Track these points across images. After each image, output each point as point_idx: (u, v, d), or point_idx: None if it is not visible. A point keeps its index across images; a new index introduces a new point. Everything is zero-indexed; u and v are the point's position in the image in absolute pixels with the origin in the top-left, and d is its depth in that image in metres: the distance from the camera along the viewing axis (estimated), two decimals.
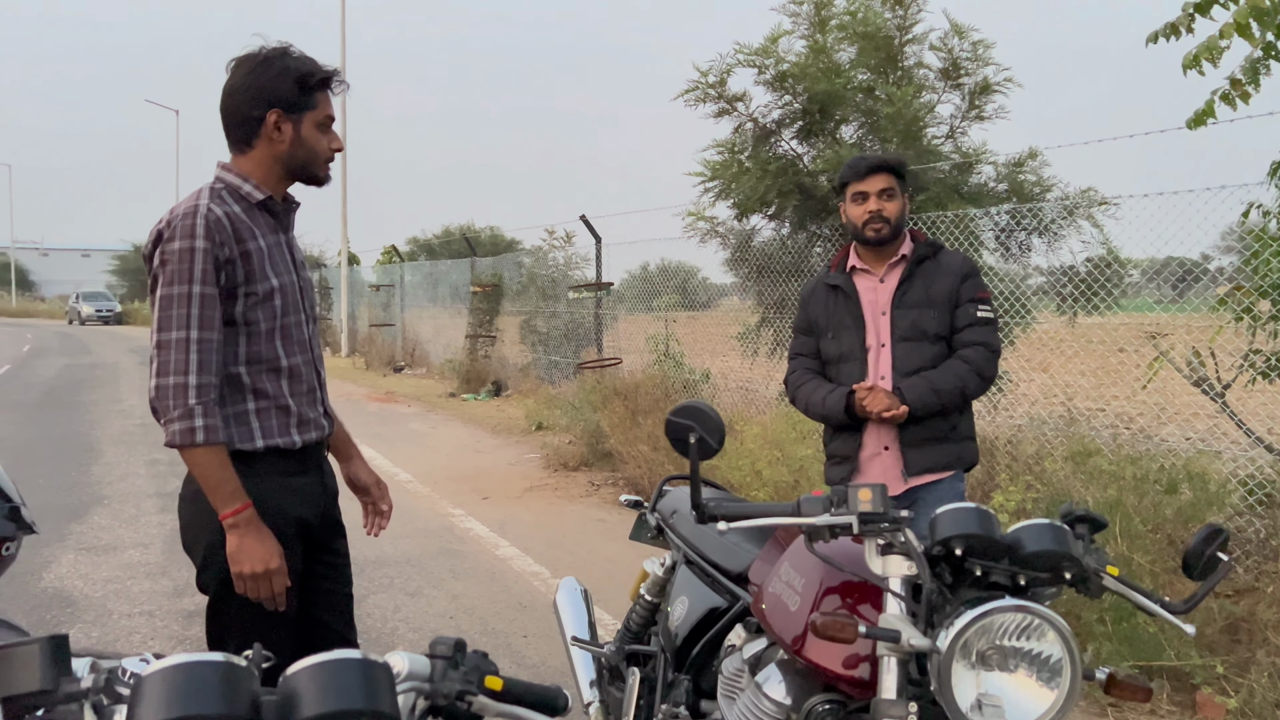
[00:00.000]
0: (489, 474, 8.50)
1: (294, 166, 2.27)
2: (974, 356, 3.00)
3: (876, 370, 3.06)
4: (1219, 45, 3.95)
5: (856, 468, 3.08)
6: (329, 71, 2.27)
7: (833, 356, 3.15)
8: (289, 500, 2.25)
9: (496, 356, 15.03)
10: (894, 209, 3.05)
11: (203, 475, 2.13)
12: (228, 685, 0.93)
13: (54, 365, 20.10)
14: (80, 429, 10.86)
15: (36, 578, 5.29)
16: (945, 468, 3.02)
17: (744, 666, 2.13)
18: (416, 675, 1.16)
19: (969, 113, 7.79)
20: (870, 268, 3.14)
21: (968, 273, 3.07)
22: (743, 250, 8.52)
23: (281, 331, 2.24)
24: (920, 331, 3.02)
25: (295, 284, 2.30)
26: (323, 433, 2.37)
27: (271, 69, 2.19)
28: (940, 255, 3.10)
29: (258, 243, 2.20)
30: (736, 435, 6.89)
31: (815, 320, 3.22)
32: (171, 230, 2.12)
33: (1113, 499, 4.16)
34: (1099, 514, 1.78)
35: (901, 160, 3.13)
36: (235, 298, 2.16)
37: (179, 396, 2.08)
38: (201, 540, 2.22)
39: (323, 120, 2.27)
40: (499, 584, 5.32)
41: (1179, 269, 5.90)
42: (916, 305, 3.04)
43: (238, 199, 2.23)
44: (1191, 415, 5.59)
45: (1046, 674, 1.59)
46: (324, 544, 2.39)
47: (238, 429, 2.20)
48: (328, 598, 2.41)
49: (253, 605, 2.19)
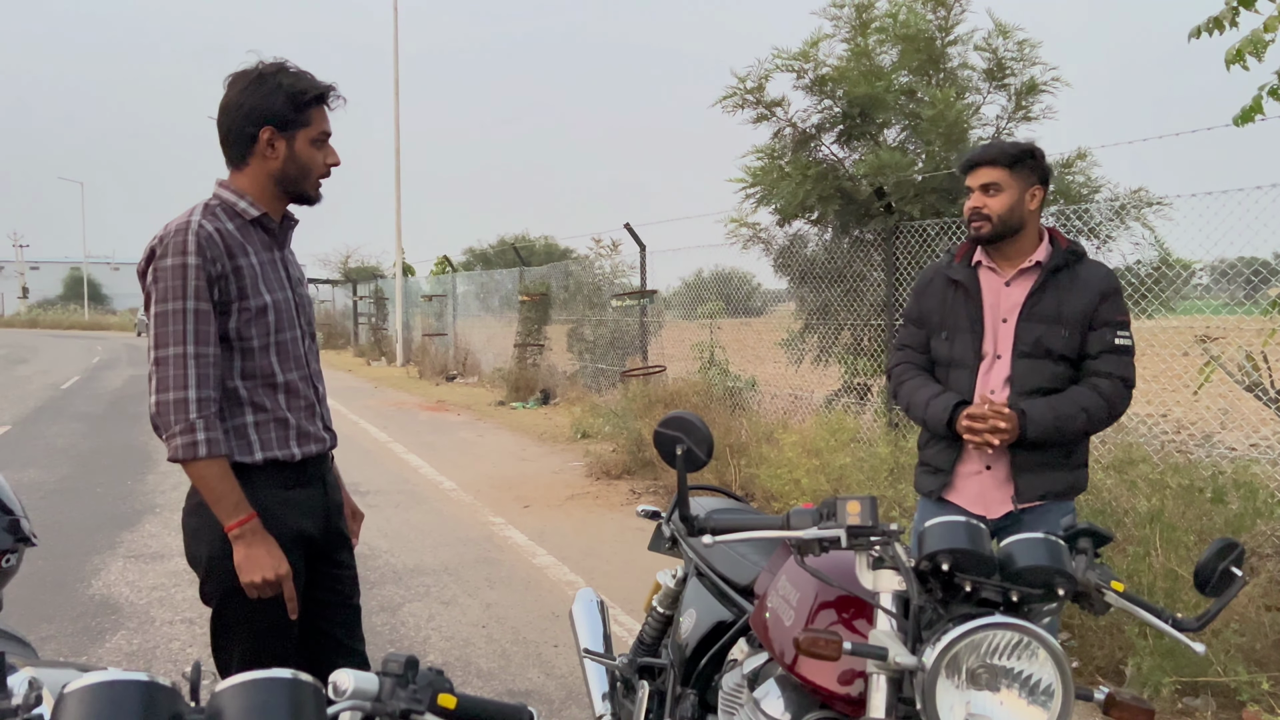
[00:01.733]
0: (532, 482, 8.53)
1: (286, 183, 2.28)
2: (1108, 390, 2.71)
3: (986, 383, 2.80)
4: (1263, 39, 3.81)
5: (950, 482, 2.85)
6: (324, 87, 2.27)
7: (943, 359, 2.89)
8: (289, 513, 2.26)
9: (545, 365, 15.11)
10: (999, 205, 2.75)
11: (206, 488, 2.15)
12: (147, 705, 0.93)
13: (121, 376, 20.67)
14: (140, 439, 11.12)
15: (85, 584, 5.41)
16: (1058, 496, 2.77)
17: (743, 682, 2.09)
18: (361, 694, 1.14)
19: (1015, 113, 7.64)
20: (997, 267, 2.85)
21: (1109, 290, 2.75)
22: (785, 256, 8.45)
23: (277, 348, 2.25)
24: (1045, 350, 2.74)
25: (290, 300, 2.31)
26: (323, 446, 2.37)
27: (265, 86, 2.20)
28: (1080, 266, 2.79)
29: (250, 259, 2.21)
30: (776, 444, 6.83)
31: (928, 315, 2.94)
32: (164, 247, 2.13)
33: (1155, 509, 4.02)
34: (1103, 527, 1.71)
35: (1013, 150, 2.78)
36: (229, 313, 2.18)
37: (180, 411, 2.11)
38: (204, 553, 2.23)
39: (317, 136, 2.27)
40: (534, 593, 5.32)
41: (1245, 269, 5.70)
42: (1045, 320, 2.75)
43: (232, 216, 2.24)
44: (1260, 421, 5.39)
45: (1038, 695, 1.52)
46: (327, 556, 2.40)
47: (237, 442, 2.22)
48: (332, 609, 2.41)
49: (255, 617, 2.21)
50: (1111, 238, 6.63)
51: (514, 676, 4.15)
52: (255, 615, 2.20)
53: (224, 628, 2.25)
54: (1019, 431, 2.69)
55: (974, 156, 2.83)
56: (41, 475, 8.68)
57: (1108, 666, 3.91)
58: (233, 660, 2.23)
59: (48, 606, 5.00)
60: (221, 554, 2.19)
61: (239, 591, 2.19)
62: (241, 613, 2.21)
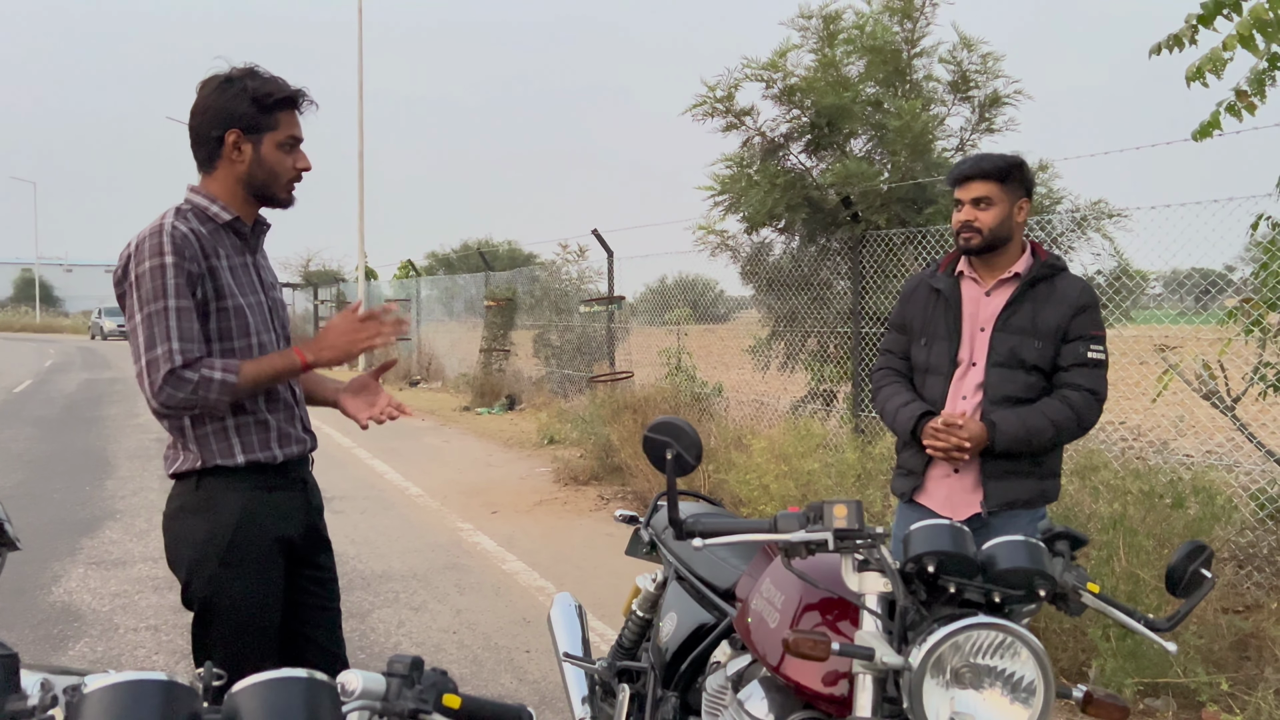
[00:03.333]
0: (499, 488, 8.51)
1: (254, 187, 2.28)
2: (1077, 402, 2.76)
3: (960, 389, 2.86)
4: (1222, 57, 3.93)
5: (921, 485, 2.92)
6: (292, 91, 2.27)
7: (920, 365, 2.97)
8: (271, 515, 2.26)
9: (510, 370, 15.08)
10: (989, 218, 2.81)
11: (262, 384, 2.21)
12: (167, 704, 0.94)
13: (74, 380, 20.30)
14: (97, 443, 10.95)
15: (45, 592, 5.33)
16: (1026, 504, 2.81)
17: (727, 684, 2.12)
18: (370, 694, 1.16)
19: (979, 125, 7.78)
20: (979, 277, 2.92)
21: (1085, 304, 2.80)
22: (752, 263, 8.52)
23: (255, 350, 2.26)
24: (1018, 360, 2.80)
25: (264, 304, 2.32)
26: (304, 448, 2.38)
27: (231, 89, 2.20)
28: (1058, 279, 2.85)
29: (222, 262, 2.21)
30: (745, 449, 6.88)
31: (910, 321, 3.02)
32: (140, 253, 2.13)
33: (1118, 514, 4.12)
34: (1078, 530, 1.76)
35: (1003, 164, 2.85)
36: (208, 314, 2.18)
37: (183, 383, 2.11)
38: (184, 558, 2.23)
39: (285, 140, 2.27)
40: (504, 599, 5.32)
41: (1202, 280, 5.85)
42: (1020, 331, 2.80)
43: (204, 219, 2.24)
44: (1215, 429, 5.53)
45: (1020, 693, 1.57)
46: (308, 559, 2.40)
47: (218, 444, 2.22)
48: (314, 613, 2.41)
49: (237, 621, 2.21)
50: (1072, 248, 6.77)
51: (486, 682, 4.15)
52: (237, 619, 2.21)
53: (205, 632, 2.24)
54: (988, 442, 2.74)
55: (966, 170, 2.87)
56: None
57: (1071, 668, 3.99)
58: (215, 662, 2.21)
59: (7, 614, 4.92)
60: (204, 559, 2.19)
61: (220, 596, 2.20)
62: (223, 617, 2.21)
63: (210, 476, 2.22)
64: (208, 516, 2.21)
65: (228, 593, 2.20)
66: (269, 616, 2.26)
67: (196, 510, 2.22)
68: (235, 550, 2.20)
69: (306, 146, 2.35)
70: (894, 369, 3.05)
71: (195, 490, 2.23)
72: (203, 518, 2.21)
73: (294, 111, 2.29)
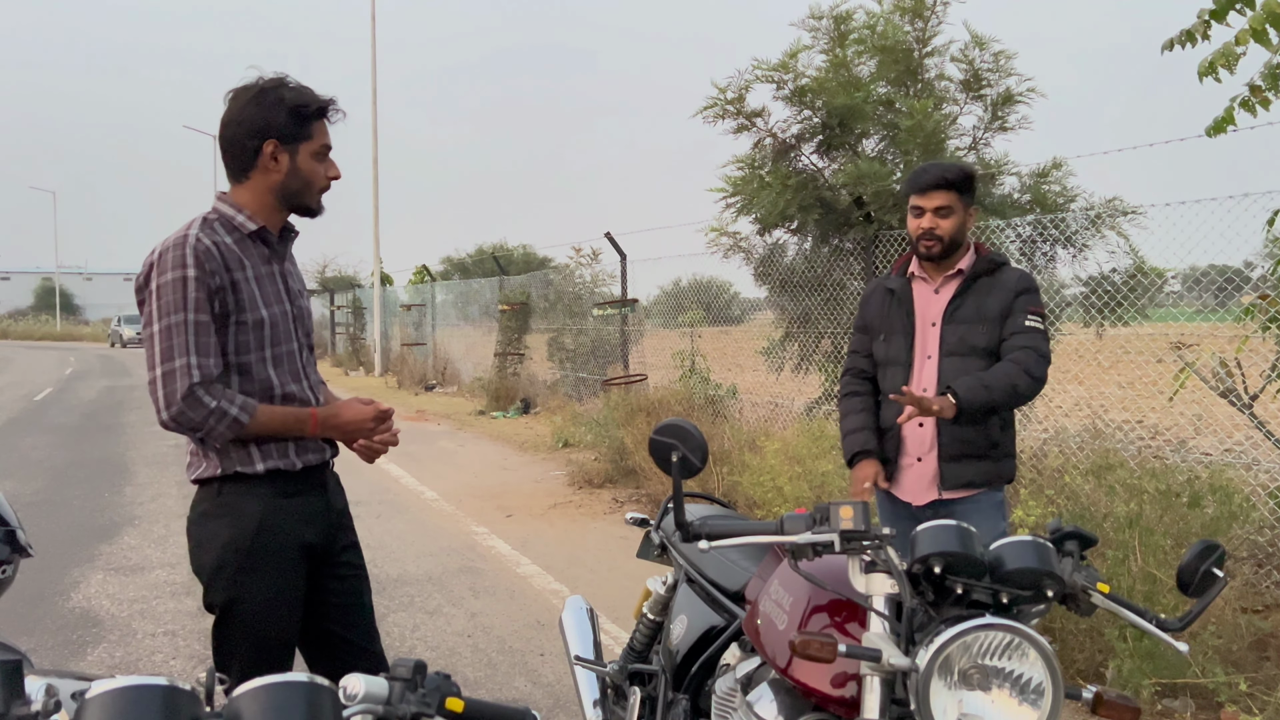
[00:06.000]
0: (514, 491, 8.53)
1: (288, 196, 2.30)
2: (1022, 357, 2.91)
3: (919, 381, 3.05)
4: (1235, 51, 3.89)
5: (892, 474, 3.10)
6: (325, 101, 2.30)
7: (881, 360, 3.17)
8: (291, 522, 2.29)
9: (525, 374, 15.10)
10: (949, 226, 3.01)
11: (269, 432, 2.24)
12: (169, 709, 0.94)
13: (94, 387, 20.47)
14: (116, 450, 11.03)
15: (64, 598, 5.37)
16: (984, 484, 2.99)
17: (736, 686, 2.11)
18: (372, 698, 1.16)
19: (991, 124, 7.74)
20: (928, 276, 3.13)
21: (1024, 288, 3.01)
22: (765, 265, 8.51)
23: (274, 360, 2.28)
24: (969, 347, 3.00)
25: (288, 314, 2.34)
26: (323, 455, 2.40)
27: (267, 100, 2.23)
28: (999, 272, 3.05)
29: (246, 274, 2.24)
30: (758, 451, 6.87)
31: (871, 321, 3.24)
32: (162, 263, 2.16)
33: (1134, 513, 4.09)
34: (1088, 530, 1.75)
35: (963, 174, 3.05)
36: (226, 327, 2.20)
37: (198, 406, 2.14)
38: (208, 562, 2.26)
39: (319, 150, 2.30)
40: (518, 602, 5.33)
41: (1218, 277, 5.80)
42: (967, 320, 3.01)
43: (230, 229, 2.26)
44: (1233, 427, 5.49)
45: (1029, 694, 1.56)
46: (334, 560, 2.42)
47: (238, 452, 2.24)
48: (343, 612, 2.43)
49: (257, 626, 2.24)
50: (1087, 246, 6.74)
51: (501, 685, 4.15)
52: (255, 623, 2.24)
53: (226, 636, 2.27)
54: (955, 408, 2.82)
55: (929, 180, 3.01)
56: (17, 488, 8.58)
57: (1088, 669, 3.96)
58: (233, 668, 2.24)
59: (27, 620, 4.96)
60: (225, 563, 2.23)
61: (239, 599, 2.22)
62: (241, 620, 2.24)
63: (231, 483, 2.25)
64: (228, 521, 2.24)
65: (246, 597, 2.23)
66: (288, 621, 2.28)
67: (217, 515, 2.26)
68: (255, 555, 2.23)
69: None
70: (858, 370, 3.28)
71: (217, 496, 2.26)
72: (223, 523, 2.24)
73: (325, 120, 2.33)
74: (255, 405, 2.20)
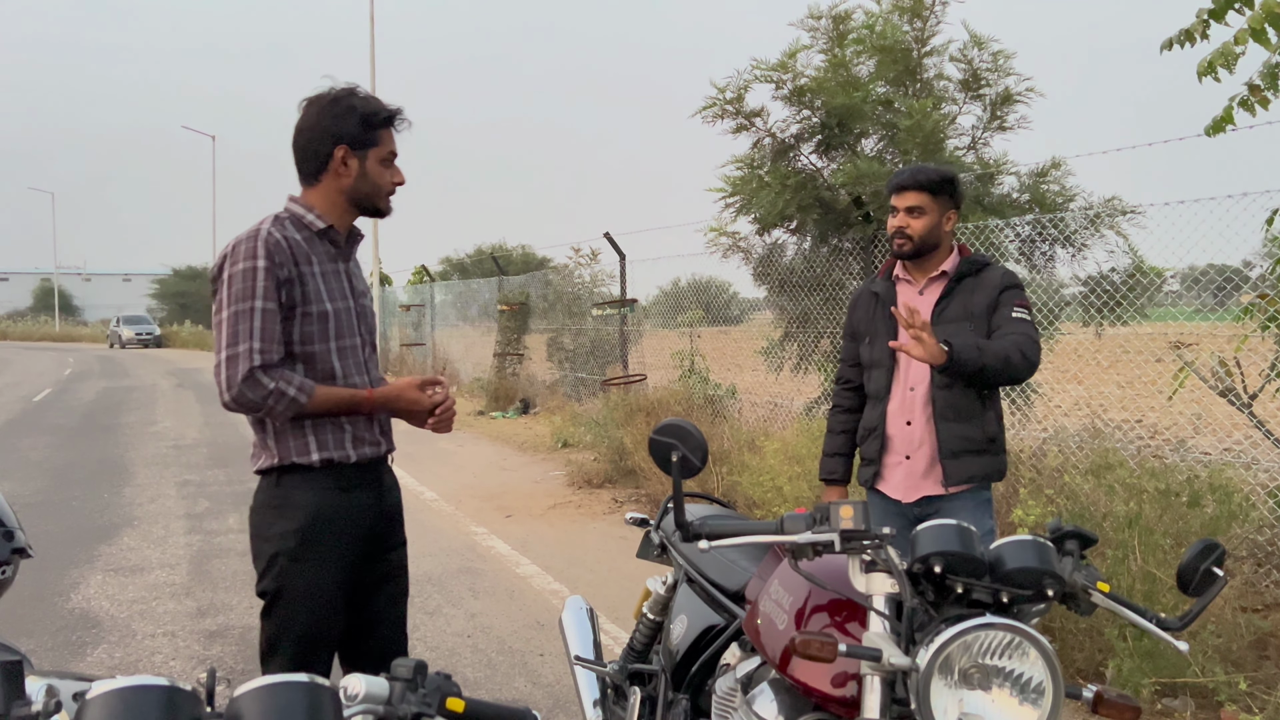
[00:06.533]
0: (513, 492, 8.53)
1: (358, 199, 2.42)
2: (1015, 338, 2.94)
3: (907, 380, 3.09)
4: (1234, 51, 3.89)
5: (879, 472, 3.14)
6: (392, 110, 2.41)
7: (867, 362, 3.22)
8: (343, 515, 2.36)
9: (524, 374, 15.10)
10: (920, 226, 3.06)
11: (328, 412, 2.33)
12: (169, 709, 0.94)
13: (93, 388, 20.46)
14: (115, 451, 11.03)
15: (64, 599, 5.37)
16: (983, 478, 3.05)
17: (737, 685, 2.11)
18: (372, 698, 1.16)
19: (990, 123, 7.74)
20: (912, 278, 3.18)
21: (1008, 285, 3.06)
22: (764, 265, 8.51)
23: (339, 353, 2.38)
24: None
25: (351, 310, 2.43)
26: (378, 450, 2.47)
27: (339, 107, 2.36)
28: (983, 272, 3.10)
29: (313, 268, 2.35)
30: (758, 451, 6.87)
31: (857, 326, 3.28)
32: (235, 254, 2.28)
33: (1133, 513, 4.09)
34: (1088, 530, 1.75)
35: (938, 177, 3.09)
36: (293, 318, 2.31)
37: (257, 386, 2.24)
38: (265, 551, 2.35)
39: (385, 156, 2.42)
40: (518, 602, 5.33)
41: (1217, 276, 5.80)
42: (954, 320, 3.04)
43: (300, 227, 2.39)
44: (1233, 426, 5.49)
45: (1029, 693, 1.56)
46: (380, 555, 2.49)
47: (295, 443, 2.33)
48: (383, 605, 2.51)
49: (298, 616, 2.32)
50: (1086, 245, 6.74)
51: (500, 685, 4.15)
52: (302, 614, 2.31)
53: (271, 625, 2.35)
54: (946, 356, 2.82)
55: (903, 180, 3.10)
56: (16, 488, 8.58)
57: (1088, 669, 3.97)
58: (276, 656, 2.33)
59: (27, 620, 4.96)
60: (277, 553, 2.31)
61: (287, 589, 2.31)
62: (287, 610, 2.32)
63: (288, 474, 2.35)
64: (283, 512, 2.33)
65: (294, 586, 2.32)
66: (331, 613, 2.35)
67: (273, 506, 2.36)
68: (305, 546, 2.31)
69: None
70: (846, 380, 3.34)
71: (275, 487, 2.36)
72: (278, 513, 2.34)
73: (392, 128, 2.43)
74: (313, 386, 2.29)
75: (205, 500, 8.14)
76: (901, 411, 3.08)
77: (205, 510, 7.72)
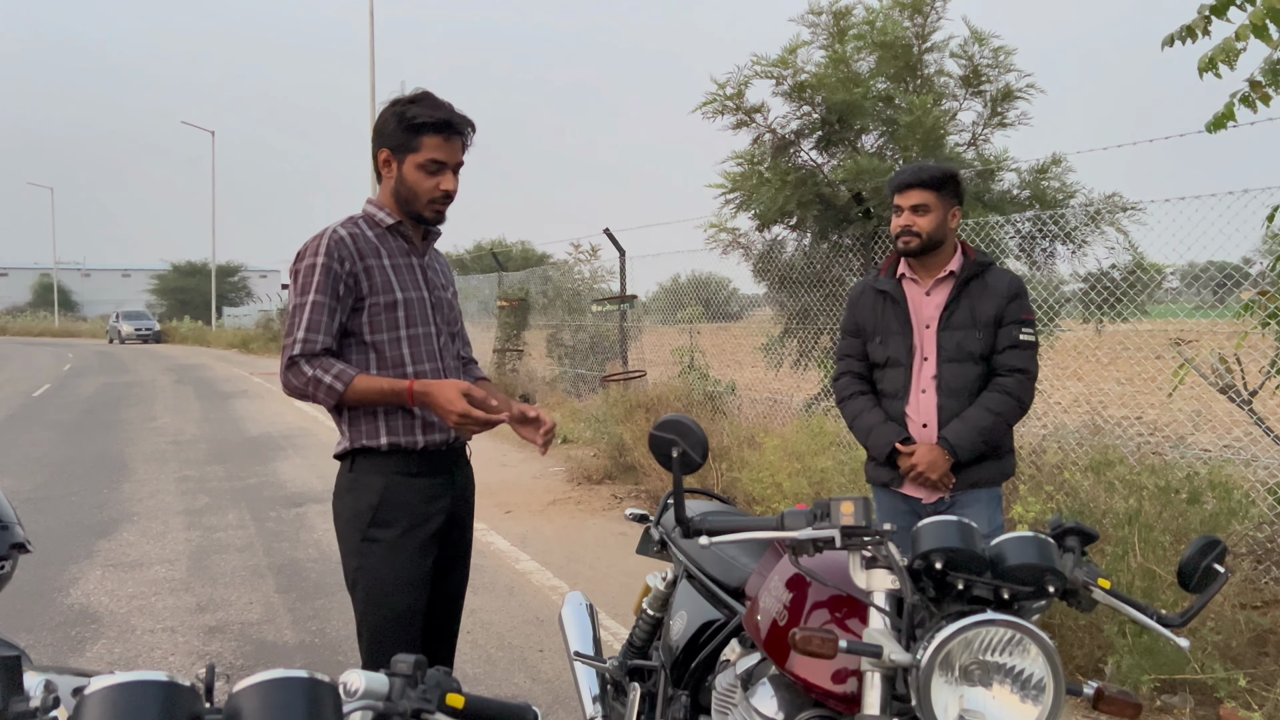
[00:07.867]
0: (513, 488, 8.52)
1: (400, 202, 2.46)
2: (1013, 386, 3.05)
3: (919, 382, 3.13)
4: (1235, 47, 3.89)
5: (897, 476, 3.18)
6: (436, 118, 2.39)
7: (879, 361, 3.23)
8: (411, 499, 2.41)
9: (524, 370, 15.09)
10: (926, 224, 3.08)
11: (368, 401, 2.36)
12: (168, 705, 0.94)
13: (93, 384, 20.44)
14: (115, 446, 11.03)
15: (63, 594, 5.36)
16: (991, 483, 3.12)
17: (737, 682, 2.11)
18: (372, 694, 1.16)
19: (991, 119, 7.74)
20: (918, 278, 3.19)
21: (1015, 293, 3.10)
22: (764, 261, 8.50)
23: (409, 341, 2.43)
24: (966, 353, 3.09)
25: (425, 300, 2.48)
26: (447, 436, 2.48)
27: (388, 112, 2.42)
28: (988, 274, 3.13)
29: (382, 261, 2.42)
30: (758, 447, 6.86)
31: (863, 324, 3.28)
32: (302, 251, 2.39)
33: (1133, 510, 4.09)
34: (1089, 526, 1.75)
35: (940, 175, 3.12)
36: (361, 309, 2.39)
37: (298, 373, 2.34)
38: (344, 533, 2.42)
39: (424, 162, 2.40)
40: (517, 598, 5.33)
41: (1218, 273, 5.79)
42: (962, 327, 3.09)
43: (372, 225, 2.48)
44: (1233, 423, 5.49)
45: (1030, 690, 1.56)
46: (448, 545, 2.52)
47: (366, 426, 2.39)
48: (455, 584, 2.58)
49: (374, 599, 2.38)
50: (1087, 242, 6.73)
51: (500, 681, 4.15)
52: (380, 595, 2.37)
53: (359, 601, 2.41)
54: (950, 459, 3.03)
55: (907, 179, 3.12)
56: (15, 484, 8.58)
57: (1087, 665, 3.97)
58: (362, 636, 2.40)
59: (26, 616, 4.95)
60: (350, 534, 2.40)
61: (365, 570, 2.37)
62: (364, 593, 2.38)
63: (360, 458, 2.42)
64: (355, 495, 2.41)
65: (367, 569, 2.38)
66: (407, 596, 2.39)
67: (348, 490, 2.44)
68: (376, 527, 2.37)
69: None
70: (855, 373, 3.31)
71: (349, 471, 2.45)
72: (351, 496, 2.42)
73: (441, 136, 2.41)
74: (352, 375, 2.34)
75: (204, 496, 8.13)
76: (918, 414, 3.15)
77: (204, 506, 7.72)
